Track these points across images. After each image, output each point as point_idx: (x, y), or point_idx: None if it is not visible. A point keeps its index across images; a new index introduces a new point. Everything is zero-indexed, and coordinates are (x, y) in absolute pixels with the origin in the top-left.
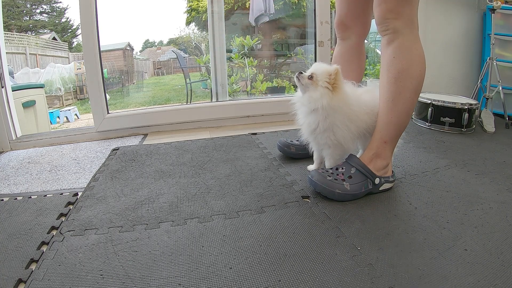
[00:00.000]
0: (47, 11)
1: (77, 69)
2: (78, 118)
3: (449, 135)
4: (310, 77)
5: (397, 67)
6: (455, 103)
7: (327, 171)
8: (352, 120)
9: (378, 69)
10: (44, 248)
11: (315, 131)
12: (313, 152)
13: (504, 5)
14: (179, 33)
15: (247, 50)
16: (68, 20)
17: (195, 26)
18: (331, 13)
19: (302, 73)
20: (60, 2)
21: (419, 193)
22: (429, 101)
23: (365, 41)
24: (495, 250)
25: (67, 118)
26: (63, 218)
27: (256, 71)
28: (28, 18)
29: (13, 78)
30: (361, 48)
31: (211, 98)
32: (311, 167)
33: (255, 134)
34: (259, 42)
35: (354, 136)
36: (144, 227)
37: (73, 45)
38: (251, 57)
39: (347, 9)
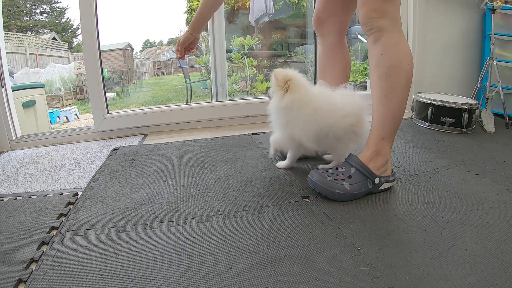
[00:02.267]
0: (47, 11)
1: (77, 69)
2: (78, 118)
3: (449, 135)
4: (270, 97)
5: (386, 63)
6: (455, 103)
7: (326, 171)
8: (307, 120)
9: None
10: (44, 248)
11: (284, 132)
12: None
13: (504, 5)
14: (179, 33)
15: (247, 50)
16: (68, 20)
17: None
18: None
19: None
20: (60, 2)
21: (419, 193)
22: (429, 101)
23: (365, 40)
24: (495, 250)
25: (67, 118)
26: (63, 218)
27: (256, 71)
28: (28, 18)
29: (13, 78)
30: (342, 45)
31: (211, 98)
32: (281, 165)
33: (255, 134)
34: (259, 42)
35: (310, 135)
36: (144, 227)
37: (73, 45)
38: (251, 57)
39: (324, 5)
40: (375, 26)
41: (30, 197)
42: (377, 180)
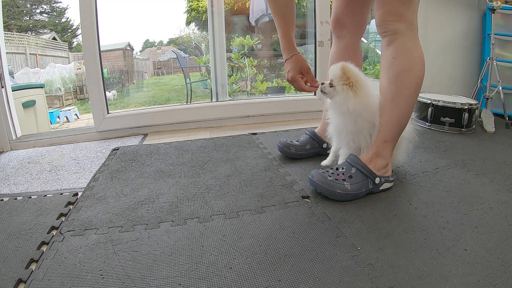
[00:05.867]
0: (47, 11)
1: (77, 69)
2: (78, 118)
3: (449, 135)
4: (331, 85)
5: (398, 67)
6: (455, 103)
7: (327, 171)
8: (376, 127)
9: (378, 69)
10: (44, 248)
11: (342, 131)
12: (328, 148)
13: (504, 5)
14: (179, 33)
15: (247, 50)
16: (68, 20)
17: (195, 26)
18: (331, 13)
19: (323, 83)
20: (60, 2)
21: (419, 193)
22: (429, 101)
23: (365, 41)
24: (495, 250)
25: (67, 118)
26: (63, 218)
27: (256, 71)
28: (28, 18)
29: (13, 78)
30: (357, 47)
31: (211, 98)
32: (325, 163)
33: (255, 134)
34: (259, 42)
35: (369, 140)
36: (144, 227)
37: (73, 45)
38: (251, 57)
39: (344, 7)
40: (391, 29)
41: (30, 197)
42: (377, 180)
